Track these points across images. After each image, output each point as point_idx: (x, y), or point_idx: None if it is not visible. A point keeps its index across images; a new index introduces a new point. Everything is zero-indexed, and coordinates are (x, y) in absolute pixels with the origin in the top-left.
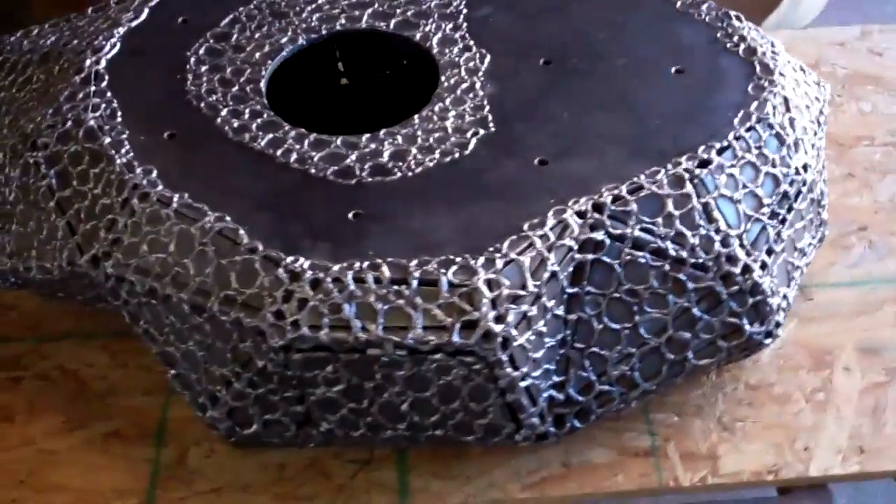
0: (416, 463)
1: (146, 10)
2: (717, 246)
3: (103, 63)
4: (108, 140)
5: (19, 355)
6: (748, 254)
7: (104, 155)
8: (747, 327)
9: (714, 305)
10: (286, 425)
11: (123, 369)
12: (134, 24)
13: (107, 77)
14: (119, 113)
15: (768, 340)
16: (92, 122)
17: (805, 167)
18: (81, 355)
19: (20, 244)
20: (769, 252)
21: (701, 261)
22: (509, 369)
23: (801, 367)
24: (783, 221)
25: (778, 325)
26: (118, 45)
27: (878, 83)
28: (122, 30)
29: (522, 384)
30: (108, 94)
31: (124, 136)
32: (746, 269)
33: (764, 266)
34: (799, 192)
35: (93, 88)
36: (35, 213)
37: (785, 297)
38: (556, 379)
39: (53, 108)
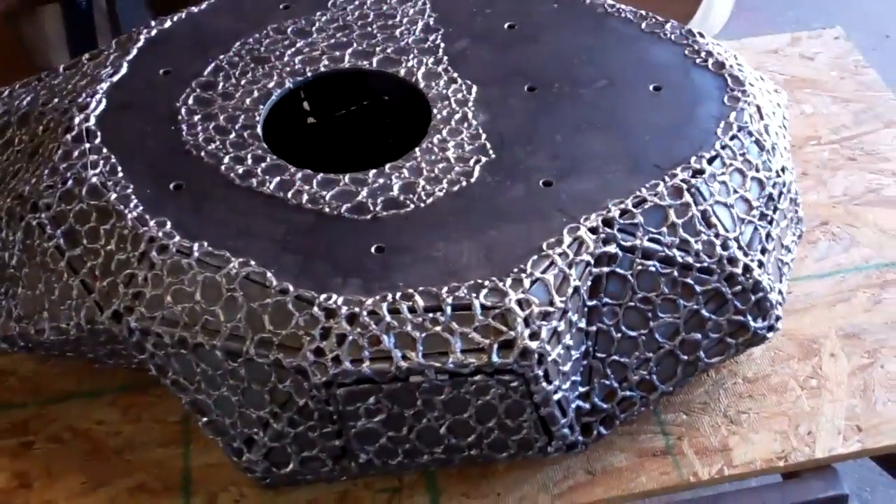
0: (446, 485)
1: (125, 65)
2: (718, 249)
3: (92, 120)
4: (114, 196)
5: (26, 420)
6: (746, 254)
7: (113, 211)
8: (752, 323)
9: (720, 305)
10: (323, 461)
11: (136, 423)
12: (115, 78)
13: (99, 133)
14: (119, 168)
15: (770, 334)
16: (94, 180)
17: (783, 169)
18: (90, 413)
19: (29, 307)
20: (763, 251)
21: (706, 264)
22: (544, 384)
23: (792, 357)
24: (771, 222)
25: (778, 318)
26: (103, 100)
27: (815, 86)
28: (104, 85)
29: (555, 397)
30: (104, 150)
31: (129, 190)
32: (747, 269)
33: (761, 265)
34: (781, 193)
35: (87, 146)
36: (43, 274)
37: (780, 292)
38: (581, 389)
39: (49, 169)
